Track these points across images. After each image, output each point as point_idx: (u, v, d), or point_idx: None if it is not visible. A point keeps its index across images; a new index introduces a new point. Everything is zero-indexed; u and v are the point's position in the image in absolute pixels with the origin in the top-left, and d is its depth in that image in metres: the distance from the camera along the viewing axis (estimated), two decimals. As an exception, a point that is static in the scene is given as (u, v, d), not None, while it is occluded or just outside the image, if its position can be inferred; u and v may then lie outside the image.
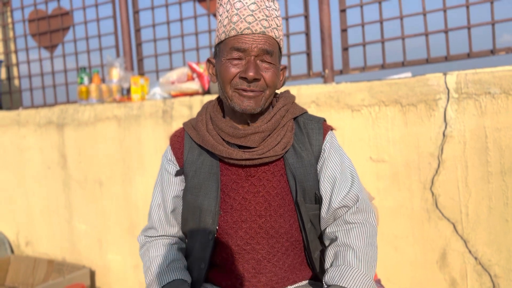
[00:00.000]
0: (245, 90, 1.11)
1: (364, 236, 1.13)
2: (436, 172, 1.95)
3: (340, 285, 1.05)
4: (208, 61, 1.23)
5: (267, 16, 1.11)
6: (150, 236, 1.28)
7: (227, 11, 1.12)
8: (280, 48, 1.17)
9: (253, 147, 1.15)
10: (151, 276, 1.19)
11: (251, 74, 1.08)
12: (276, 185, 1.17)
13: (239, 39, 1.09)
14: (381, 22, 2.34)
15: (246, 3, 1.10)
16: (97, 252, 2.91)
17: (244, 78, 1.10)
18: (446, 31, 2.19)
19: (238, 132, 1.15)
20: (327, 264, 1.16)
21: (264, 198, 1.16)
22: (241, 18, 1.09)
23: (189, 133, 1.24)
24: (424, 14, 2.23)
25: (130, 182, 2.73)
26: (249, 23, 1.08)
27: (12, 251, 3.31)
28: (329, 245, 1.20)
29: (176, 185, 1.25)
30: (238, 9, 1.10)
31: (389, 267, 2.07)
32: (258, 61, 1.11)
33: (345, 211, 1.17)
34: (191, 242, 1.25)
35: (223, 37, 1.12)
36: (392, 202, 2.05)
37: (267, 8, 1.12)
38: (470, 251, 1.91)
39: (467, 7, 2.13)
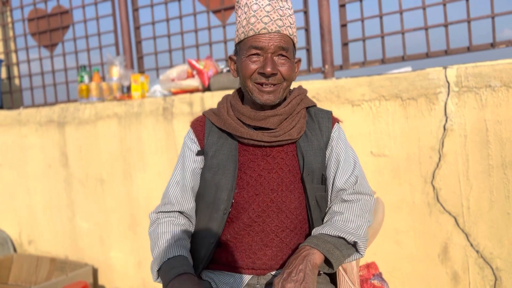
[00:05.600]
0: (264, 84, 1.24)
1: (356, 209, 1.26)
2: (437, 165, 1.95)
3: (321, 232, 1.19)
4: (230, 58, 1.36)
5: (281, 16, 1.23)
6: (164, 212, 1.35)
7: (245, 13, 1.24)
8: (294, 44, 1.29)
9: (271, 129, 1.27)
10: (158, 250, 1.25)
11: (268, 69, 1.20)
12: (288, 163, 1.29)
13: (256, 39, 1.22)
14: (380, 16, 2.34)
15: (262, 5, 1.22)
16: (100, 249, 2.92)
17: (263, 74, 1.22)
18: (446, 25, 2.19)
19: (258, 114, 1.27)
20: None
21: (278, 174, 1.28)
22: (258, 19, 1.21)
23: (210, 119, 1.37)
24: (424, 8, 2.22)
25: (131, 180, 2.74)
26: (265, 23, 1.21)
27: (14, 249, 3.33)
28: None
29: (197, 162, 1.36)
30: (255, 11, 1.22)
31: (390, 261, 2.08)
32: (274, 57, 1.23)
33: (344, 192, 1.30)
34: (203, 218, 1.32)
35: (242, 36, 1.25)
36: (393, 196, 2.05)
37: (281, 8, 1.24)
38: (471, 245, 1.91)
39: (467, 0, 2.13)
